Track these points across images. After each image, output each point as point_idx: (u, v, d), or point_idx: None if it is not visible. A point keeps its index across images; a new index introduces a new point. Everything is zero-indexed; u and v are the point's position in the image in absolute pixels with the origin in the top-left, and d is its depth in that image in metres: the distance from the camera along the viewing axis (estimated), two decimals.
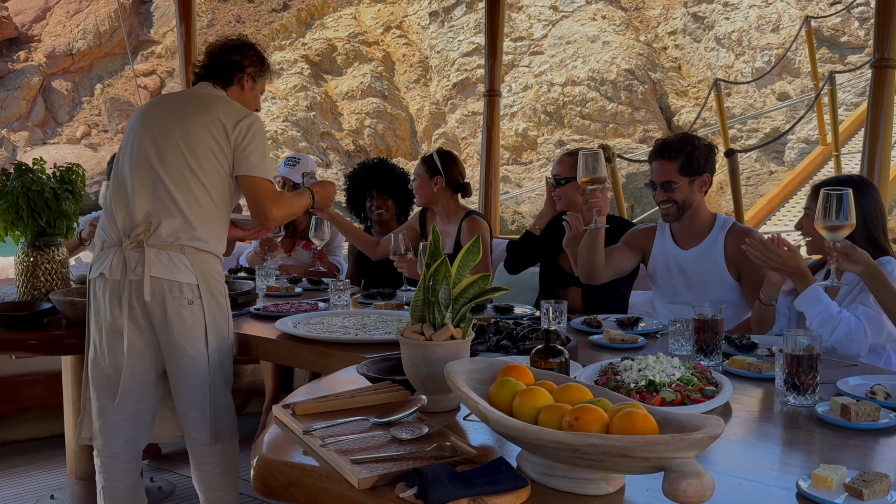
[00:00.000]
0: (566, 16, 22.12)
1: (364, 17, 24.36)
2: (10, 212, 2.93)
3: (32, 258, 2.98)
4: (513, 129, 20.52)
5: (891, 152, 4.08)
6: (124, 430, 2.61)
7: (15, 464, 3.86)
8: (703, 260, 2.96)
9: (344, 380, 1.94)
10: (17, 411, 4.08)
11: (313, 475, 1.36)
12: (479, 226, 3.68)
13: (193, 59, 5.43)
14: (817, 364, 1.76)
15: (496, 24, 5.27)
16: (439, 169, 3.69)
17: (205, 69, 2.77)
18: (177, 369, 2.56)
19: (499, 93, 5.34)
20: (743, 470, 1.41)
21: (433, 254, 1.62)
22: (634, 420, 1.21)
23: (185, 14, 5.44)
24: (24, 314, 2.81)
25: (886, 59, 3.88)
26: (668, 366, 1.78)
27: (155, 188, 2.53)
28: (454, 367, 1.47)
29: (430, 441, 1.42)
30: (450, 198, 3.75)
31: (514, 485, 1.22)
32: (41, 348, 2.82)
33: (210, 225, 2.58)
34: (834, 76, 8.81)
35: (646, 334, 2.54)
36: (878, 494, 1.26)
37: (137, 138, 2.61)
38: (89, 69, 25.41)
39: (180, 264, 2.50)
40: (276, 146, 20.09)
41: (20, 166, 3.01)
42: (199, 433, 2.61)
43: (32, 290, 2.97)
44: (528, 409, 1.32)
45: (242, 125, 2.59)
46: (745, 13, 19.86)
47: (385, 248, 3.83)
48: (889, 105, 3.96)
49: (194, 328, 2.52)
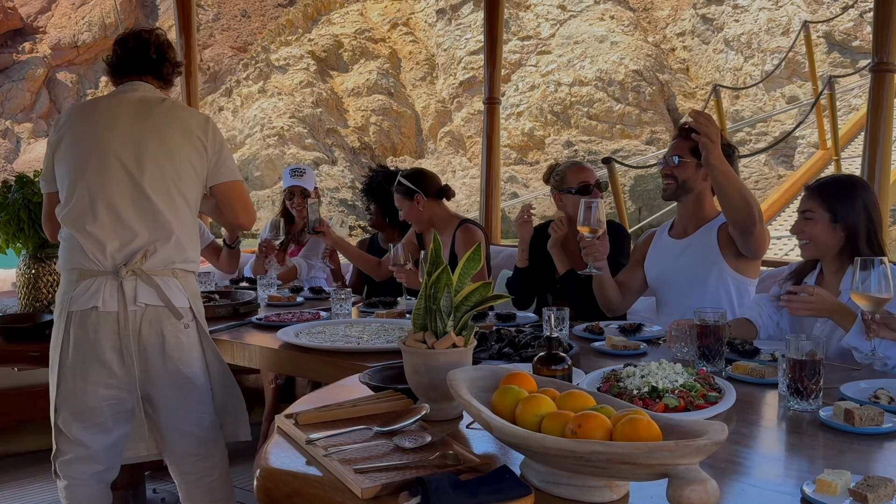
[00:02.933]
0: (574, 15, 22.17)
1: (371, 13, 24.41)
2: (12, 224, 2.93)
3: (34, 270, 2.98)
4: (519, 129, 20.54)
5: (891, 156, 4.08)
6: (99, 461, 2.50)
7: (17, 476, 3.85)
8: (694, 246, 2.98)
9: (346, 389, 1.94)
10: (19, 423, 4.07)
11: (316, 485, 1.36)
12: (474, 234, 3.67)
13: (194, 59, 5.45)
14: (820, 369, 1.76)
15: (495, 31, 5.28)
16: (413, 188, 3.68)
17: (138, 62, 2.57)
18: (173, 391, 2.47)
19: (498, 100, 5.35)
20: (747, 476, 1.40)
21: (434, 262, 1.62)
22: (638, 427, 1.21)
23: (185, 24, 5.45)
24: (25, 326, 2.81)
25: (886, 62, 3.89)
26: (671, 372, 1.78)
27: (147, 212, 2.41)
28: (456, 375, 1.46)
29: (433, 450, 1.42)
30: (437, 207, 3.74)
31: (518, 493, 1.22)
32: (43, 360, 2.81)
33: (194, 242, 2.53)
34: (833, 80, 8.81)
35: (648, 340, 2.54)
36: (882, 499, 1.25)
37: (104, 155, 2.41)
38: (94, 61, 25.46)
39: (175, 289, 2.44)
40: (283, 142, 20.12)
41: (21, 178, 3.01)
42: (197, 447, 2.55)
43: (34, 302, 2.98)
44: (531, 416, 1.32)
45: (210, 132, 2.51)
46: (754, 16, 19.88)
47: (386, 267, 3.84)
48: (889, 108, 3.96)
49: (191, 350, 2.47)
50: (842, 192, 2.53)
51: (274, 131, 20.49)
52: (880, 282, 2.01)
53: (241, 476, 3.82)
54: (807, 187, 2.60)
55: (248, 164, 20.48)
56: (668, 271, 3.06)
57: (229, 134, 21.07)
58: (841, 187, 2.55)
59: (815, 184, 2.60)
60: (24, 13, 25.79)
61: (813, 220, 2.53)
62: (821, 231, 2.51)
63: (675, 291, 3.05)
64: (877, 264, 2.02)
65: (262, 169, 20.36)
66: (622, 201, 7.06)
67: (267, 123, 20.72)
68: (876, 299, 2.03)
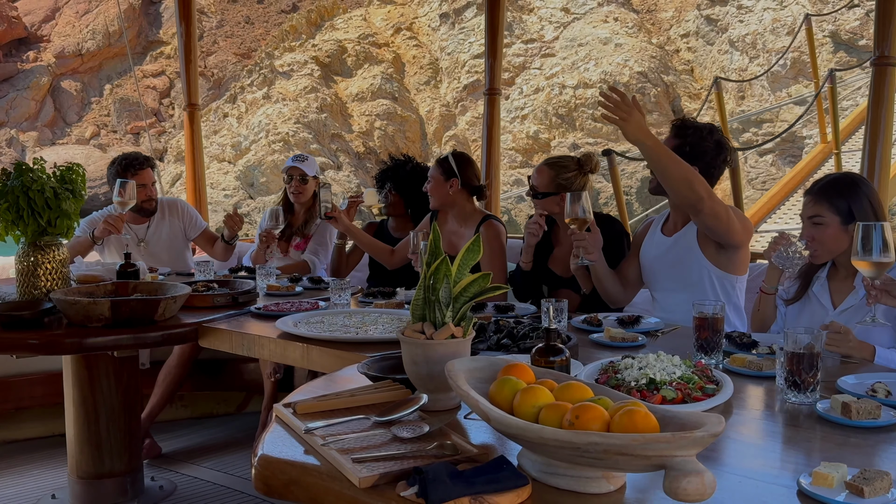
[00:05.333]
0: (578, 18, 22.07)
1: (374, 18, 24.32)
2: (11, 211, 2.92)
3: (33, 258, 2.97)
4: (524, 132, 20.46)
5: (891, 150, 4.08)
6: None
7: (16, 463, 3.87)
8: (680, 243, 2.98)
9: (344, 379, 1.94)
10: (17, 410, 4.08)
11: (314, 474, 1.36)
12: (498, 231, 3.67)
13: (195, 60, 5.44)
14: (818, 362, 1.76)
15: (496, 22, 5.29)
16: (455, 171, 3.68)
17: None
18: None
19: (499, 91, 5.35)
20: (744, 468, 1.41)
21: (433, 252, 1.62)
22: (635, 418, 1.21)
23: (186, 15, 5.44)
24: (24, 314, 2.81)
25: (887, 56, 3.88)
26: (669, 364, 1.78)
27: None
28: (455, 366, 1.47)
29: (430, 440, 1.42)
30: (465, 200, 3.74)
31: (515, 483, 1.22)
32: (42, 348, 2.81)
33: None
34: (834, 74, 8.80)
35: (646, 332, 2.54)
36: (878, 492, 1.26)
37: None
38: (98, 69, 25.46)
39: None
40: (288, 148, 20.08)
41: (20, 166, 3.01)
42: None
43: (33, 290, 2.97)
44: (529, 407, 1.32)
45: None
46: (759, 16, 19.75)
47: (400, 255, 3.84)
48: (889, 103, 3.95)
49: None
50: (847, 191, 2.49)
51: (279, 137, 20.42)
52: (881, 247, 1.99)
53: (238, 465, 3.84)
54: (810, 192, 2.55)
55: (254, 170, 20.42)
56: (656, 267, 3.06)
57: (234, 140, 21.03)
58: (845, 187, 2.50)
59: (818, 188, 2.55)
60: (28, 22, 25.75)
61: (823, 224, 2.48)
62: (833, 235, 2.47)
63: (662, 287, 3.05)
64: (878, 229, 1.99)
65: (267, 175, 20.29)
66: (622, 195, 7.05)
67: (272, 129, 20.64)
68: (877, 264, 2.01)
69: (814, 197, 2.52)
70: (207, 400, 4.53)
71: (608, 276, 3.04)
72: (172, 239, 4.39)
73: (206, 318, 2.83)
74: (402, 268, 3.90)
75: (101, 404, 3.21)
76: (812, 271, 2.61)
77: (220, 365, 4.41)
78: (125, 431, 3.27)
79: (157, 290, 2.99)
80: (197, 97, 5.60)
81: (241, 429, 4.35)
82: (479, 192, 3.77)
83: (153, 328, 2.76)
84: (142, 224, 4.35)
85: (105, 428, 3.22)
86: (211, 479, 3.68)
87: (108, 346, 2.80)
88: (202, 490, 3.56)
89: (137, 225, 4.34)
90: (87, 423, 3.21)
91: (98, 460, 3.23)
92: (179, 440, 4.17)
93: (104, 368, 3.20)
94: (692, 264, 2.92)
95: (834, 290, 2.55)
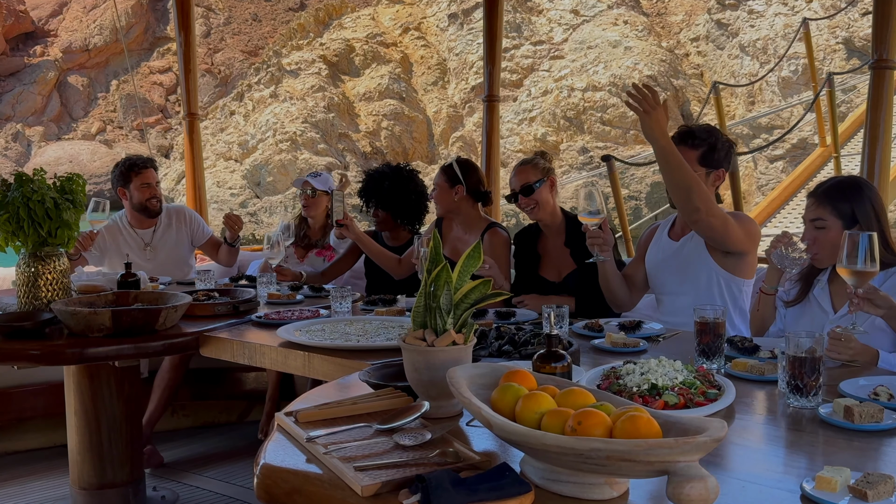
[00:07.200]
0: (587, 20, 22.07)
1: (382, 17, 24.33)
2: (11, 222, 2.92)
3: (33, 268, 2.97)
4: (532, 134, 20.43)
5: (890, 153, 4.08)
6: None
7: (17, 475, 3.86)
8: (687, 246, 2.98)
9: (346, 386, 1.94)
10: (19, 421, 4.07)
11: (316, 482, 1.36)
12: (502, 239, 3.67)
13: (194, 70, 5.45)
14: (820, 366, 1.76)
15: (494, 29, 5.31)
16: (459, 178, 3.67)
17: None
18: None
19: (498, 98, 5.37)
20: (747, 473, 1.40)
21: (434, 259, 1.62)
22: (637, 424, 1.21)
23: (185, 24, 5.45)
24: (25, 324, 2.81)
25: (885, 59, 3.89)
26: (671, 369, 1.78)
27: None
28: (456, 373, 1.46)
29: (432, 447, 1.42)
30: (470, 207, 3.74)
31: (518, 490, 1.22)
32: (43, 358, 2.81)
33: None
34: (832, 78, 8.82)
35: (648, 338, 2.54)
36: (882, 496, 1.26)
37: None
38: (105, 64, 25.49)
39: None
40: (295, 147, 20.05)
41: (20, 176, 3.01)
42: None
43: (34, 301, 2.97)
44: (531, 413, 1.32)
45: None
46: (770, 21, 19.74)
47: (406, 265, 3.83)
48: (888, 106, 3.96)
49: None
50: (850, 195, 2.47)
51: (286, 136, 20.39)
52: (865, 257, 2.00)
53: (241, 474, 3.84)
54: (813, 195, 2.54)
55: (261, 169, 20.39)
56: (663, 270, 3.06)
57: (241, 139, 20.99)
58: (849, 190, 2.49)
59: (822, 190, 2.53)
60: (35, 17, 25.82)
61: (826, 228, 2.47)
62: (834, 238, 2.43)
63: (668, 290, 3.05)
64: (863, 239, 2.00)
65: (275, 174, 20.28)
66: (622, 200, 7.05)
67: (279, 128, 20.59)
68: (860, 273, 2.02)
69: (817, 200, 2.51)
70: (209, 409, 4.53)
71: (616, 278, 3.03)
72: (178, 246, 4.41)
73: (207, 327, 2.83)
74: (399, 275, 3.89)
75: (103, 414, 3.20)
76: (813, 274, 2.61)
77: (221, 374, 4.41)
78: (127, 441, 3.27)
79: (158, 299, 2.99)
80: (197, 106, 5.61)
81: (242, 438, 4.34)
82: (485, 198, 3.77)
83: (154, 338, 2.76)
84: (147, 228, 4.35)
85: (107, 438, 3.22)
86: (213, 488, 3.67)
87: (109, 356, 2.80)
88: (204, 500, 3.56)
89: (143, 229, 4.35)
90: (88, 433, 3.20)
91: (100, 471, 3.22)
92: (181, 450, 4.16)
93: (105, 378, 3.20)
94: (700, 267, 2.92)
95: (835, 293, 2.55)
